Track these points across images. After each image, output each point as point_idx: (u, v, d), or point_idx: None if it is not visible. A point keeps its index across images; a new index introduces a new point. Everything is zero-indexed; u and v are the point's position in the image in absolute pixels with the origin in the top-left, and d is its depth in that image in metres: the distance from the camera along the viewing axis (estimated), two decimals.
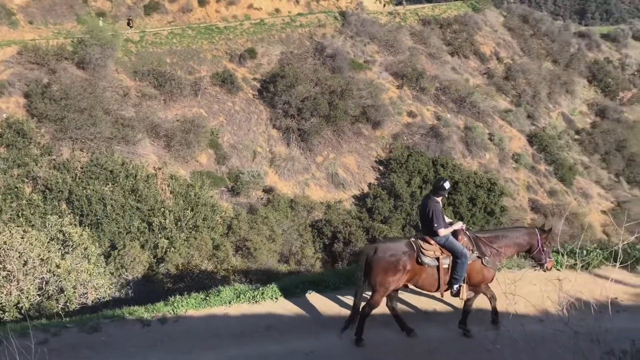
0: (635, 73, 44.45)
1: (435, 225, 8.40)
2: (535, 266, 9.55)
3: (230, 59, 29.77)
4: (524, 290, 9.05)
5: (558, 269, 11.03)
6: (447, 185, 8.54)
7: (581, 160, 34.48)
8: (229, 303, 9.73)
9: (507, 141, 31.54)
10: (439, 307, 10.03)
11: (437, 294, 9.05)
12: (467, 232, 8.86)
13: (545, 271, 9.35)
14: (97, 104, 24.15)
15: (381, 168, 27.89)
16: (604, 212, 30.78)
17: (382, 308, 9.95)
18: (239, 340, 8.92)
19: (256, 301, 9.78)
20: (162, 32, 29.72)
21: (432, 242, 8.60)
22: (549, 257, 9.08)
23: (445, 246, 8.56)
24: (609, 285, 8.65)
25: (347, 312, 9.93)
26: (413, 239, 8.71)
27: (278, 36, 31.72)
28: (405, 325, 8.75)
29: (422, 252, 8.48)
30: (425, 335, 9.18)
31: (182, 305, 9.59)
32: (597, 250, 11.43)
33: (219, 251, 19.41)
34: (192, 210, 20.63)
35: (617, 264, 9.32)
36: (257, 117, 27.72)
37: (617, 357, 5.72)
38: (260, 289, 10.20)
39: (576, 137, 36.34)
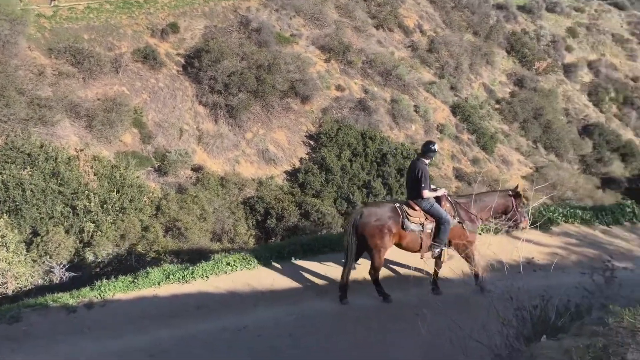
0: (549, 44, 46.57)
1: (423, 185, 8.85)
2: (511, 227, 10.09)
3: (152, 34, 28.71)
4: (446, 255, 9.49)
5: (480, 233, 11.58)
6: (435, 147, 9.08)
7: (501, 128, 36.00)
8: (158, 284, 9.65)
9: (431, 112, 32.43)
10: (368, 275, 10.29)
11: (418, 255, 9.46)
12: (448, 198, 9.27)
13: (521, 230, 10.02)
14: (9, 83, 22.72)
15: (312, 142, 28.03)
16: (523, 177, 32.40)
17: (318, 279, 10.17)
18: (170, 321, 8.89)
19: (186, 281, 9.76)
20: (77, 7, 28.21)
21: (417, 208, 8.99)
22: (524, 217, 9.71)
23: (429, 212, 9.01)
24: (521, 245, 9.20)
25: (279, 286, 10.08)
26: (398, 205, 9.08)
27: (201, 10, 30.87)
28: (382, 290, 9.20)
29: (407, 219, 8.91)
30: (355, 304, 9.48)
31: (109, 289, 9.42)
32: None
33: (149, 233, 19.01)
34: (118, 192, 19.99)
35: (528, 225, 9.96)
36: (182, 93, 27.03)
37: (528, 311, 6.14)
38: (190, 268, 10.17)
39: (496, 106, 37.83)
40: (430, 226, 9.02)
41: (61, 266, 14.17)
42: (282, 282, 10.08)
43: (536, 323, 5.57)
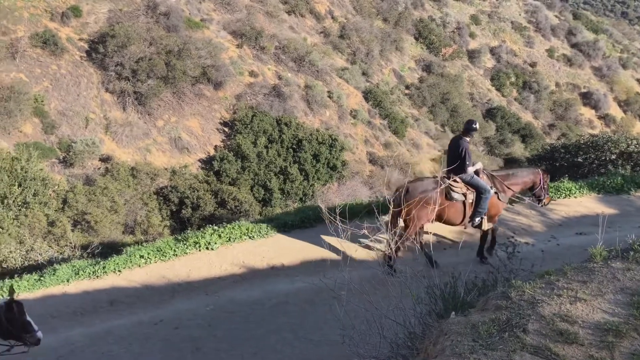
0: (455, 30, 48.49)
1: (467, 162, 9.48)
2: (534, 201, 10.85)
3: (52, 18, 26.95)
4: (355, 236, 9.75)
5: None
6: (476, 125, 9.73)
7: (411, 113, 37.18)
8: (67, 281, 9.25)
9: (345, 98, 32.91)
10: (286, 261, 10.43)
11: (461, 227, 10.21)
12: (484, 171, 9.97)
13: (543, 206, 10.86)
14: None
15: (226, 130, 27.63)
16: (432, 159, 33.73)
17: (235, 267, 10.12)
18: (82, 318, 8.58)
19: (97, 276, 9.42)
20: None
21: (459, 180, 9.58)
22: (547, 194, 10.57)
23: (470, 183, 9.62)
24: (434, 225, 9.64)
25: (196, 276, 9.94)
26: (439, 178, 9.56)
27: None
28: (432, 260, 9.43)
29: (451, 189, 9.51)
30: (275, 290, 9.55)
31: (7, 291, 8.88)
32: None
33: (55, 227, 18.15)
34: (19, 185, 18.83)
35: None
36: (87, 80, 25.70)
37: (439, 289, 6.46)
38: (102, 263, 9.83)
39: (406, 91, 38.98)
40: (471, 197, 9.60)
41: None
42: (199, 272, 9.96)
43: (447, 299, 5.88)
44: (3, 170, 19.76)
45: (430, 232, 10.06)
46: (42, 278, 9.22)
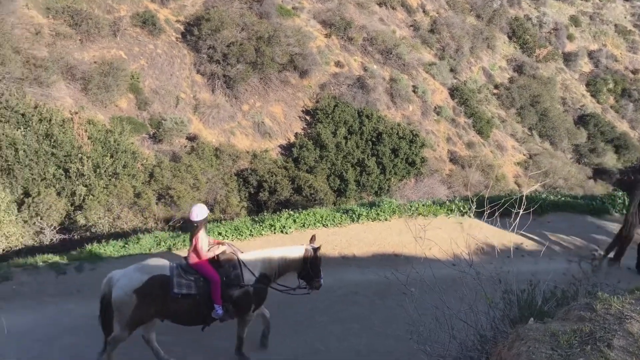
0: (551, 31, 46.29)
1: None
2: None
3: (152, 0, 28.32)
4: (432, 235, 9.56)
5: (470, 216, 11.67)
6: None
7: (498, 114, 35.95)
8: (149, 250, 9.68)
9: (429, 94, 32.31)
10: (358, 252, 10.41)
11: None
12: None
13: None
14: (6, 41, 22.39)
15: (308, 118, 27.92)
16: (517, 163, 32.52)
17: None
18: None
19: (177, 249, 9.78)
20: None
21: None
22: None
23: None
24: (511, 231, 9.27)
25: None
26: None
27: None
28: None
29: None
30: (346, 279, 9.57)
31: (100, 253, 9.44)
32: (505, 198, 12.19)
33: (141, 199, 19.02)
34: (111, 157, 19.90)
35: (521, 211, 10.03)
36: (180, 61, 26.75)
37: (516, 295, 6.22)
38: (182, 236, 10.20)
39: (495, 91, 37.72)
40: None
41: (52, 228, 14.17)
42: None
43: (523, 306, 5.66)
44: (98, 141, 20.99)
45: None
46: (126, 245, 9.73)
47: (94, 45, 25.27)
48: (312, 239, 7.57)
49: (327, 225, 11.32)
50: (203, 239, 7.19)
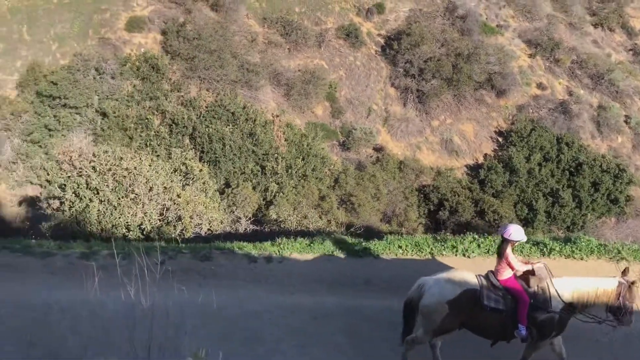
0: None
1: None
2: None
3: (358, 13, 29.42)
4: None
5: None
6: None
7: None
8: (332, 253, 9.97)
9: None
10: None
11: None
12: None
13: None
14: (226, 47, 25.04)
15: (500, 139, 26.69)
16: None
17: None
18: (338, 289, 9.16)
19: (359, 255, 9.94)
20: None
21: None
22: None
23: None
24: None
25: None
26: None
27: None
28: None
29: None
30: None
31: (287, 248, 10.00)
32: None
33: (324, 202, 19.80)
34: (303, 159, 21.10)
35: None
36: (376, 73, 27.41)
37: None
38: (363, 243, 10.34)
39: None
40: None
41: (247, 218, 15.37)
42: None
43: None
44: (293, 144, 22.42)
45: None
46: (311, 244, 10.16)
47: (300, 54, 27.04)
48: (625, 271, 7.23)
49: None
50: (512, 256, 7.27)
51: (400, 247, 10.36)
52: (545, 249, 10.82)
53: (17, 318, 7.47)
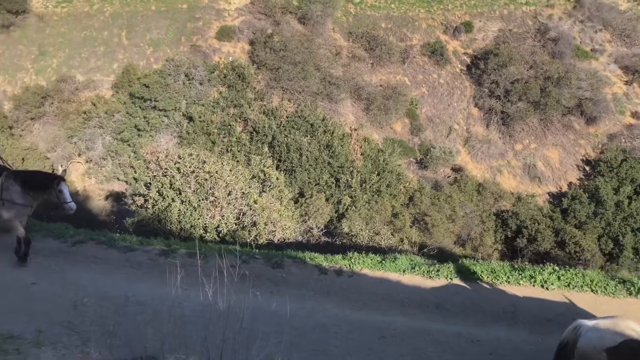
0: None
1: None
2: None
3: (444, 31, 29.09)
4: None
5: None
6: None
7: None
8: (403, 272, 9.84)
9: None
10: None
11: None
12: None
13: None
14: (311, 59, 25.47)
15: (587, 168, 25.42)
16: None
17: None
18: (407, 310, 9.00)
19: (430, 277, 9.73)
20: None
21: None
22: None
23: None
24: None
25: (518, 310, 9.39)
26: None
27: (499, 12, 30.08)
28: None
29: None
30: None
31: (358, 263, 9.94)
32: None
33: (397, 219, 19.57)
34: (378, 174, 21.02)
35: None
36: (460, 93, 26.93)
37: None
38: (437, 265, 10.11)
39: None
40: None
41: (319, 229, 15.45)
42: (527, 306, 9.40)
43: None
44: (369, 158, 22.38)
45: None
46: (383, 262, 10.04)
47: (383, 69, 27.05)
48: None
49: (596, 291, 10.02)
50: None
51: (474, 272, 10.04)
52: (632, 288, 10.14)
53: (99, 307, 7.85)
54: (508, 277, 10.04)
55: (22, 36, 27.92)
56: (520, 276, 10.09)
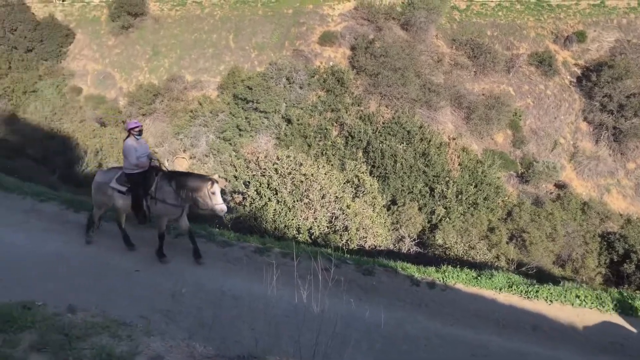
0: None
1: None
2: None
3: (555, 40, 27.68)
4: None
5: None
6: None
7: None
8: (499, 290, 9.44)
9: None
10: None
11: None
12: None
13: None
14: (411, 65, 25.21)
15: None
16: None
17: None
18: (502, 330, 8.63)
19: (528, 297, 9.27)
20: (489, 3, 29.17)
21: None
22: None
23: None
24: None
25: (631, 344, 8.73)
26: None
27: (617, 21, 28.18)
28: None
29: None
30: None
31: (452, 277, 9.66)
32: None
33: (493, 234, 18.85)
34: (475, 186, 20.36)
35: None
36: (568, 105, 25.51)
37: None
38: (536, 286, 9.62)
39: None
40: None
41: (411, 239, 15.21)
42: (637, 339, 8.69)
43: None
44: (466, 169, 21.74)
45: None
46: (478, 277, 9.69)
47: (486, 78, 26.23)
48: None
49: None
50: None
51: (578, 296, 9.43)
52: None
53: (195, 298, 8.19)
54: (616, 305, 9.35)
55: (139, 37, 29.91)
56: (629, 306, 9.36)
